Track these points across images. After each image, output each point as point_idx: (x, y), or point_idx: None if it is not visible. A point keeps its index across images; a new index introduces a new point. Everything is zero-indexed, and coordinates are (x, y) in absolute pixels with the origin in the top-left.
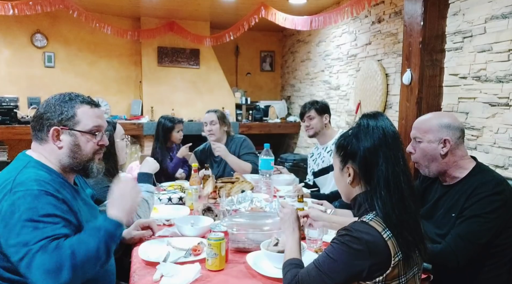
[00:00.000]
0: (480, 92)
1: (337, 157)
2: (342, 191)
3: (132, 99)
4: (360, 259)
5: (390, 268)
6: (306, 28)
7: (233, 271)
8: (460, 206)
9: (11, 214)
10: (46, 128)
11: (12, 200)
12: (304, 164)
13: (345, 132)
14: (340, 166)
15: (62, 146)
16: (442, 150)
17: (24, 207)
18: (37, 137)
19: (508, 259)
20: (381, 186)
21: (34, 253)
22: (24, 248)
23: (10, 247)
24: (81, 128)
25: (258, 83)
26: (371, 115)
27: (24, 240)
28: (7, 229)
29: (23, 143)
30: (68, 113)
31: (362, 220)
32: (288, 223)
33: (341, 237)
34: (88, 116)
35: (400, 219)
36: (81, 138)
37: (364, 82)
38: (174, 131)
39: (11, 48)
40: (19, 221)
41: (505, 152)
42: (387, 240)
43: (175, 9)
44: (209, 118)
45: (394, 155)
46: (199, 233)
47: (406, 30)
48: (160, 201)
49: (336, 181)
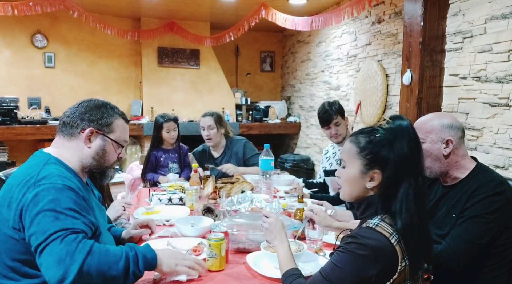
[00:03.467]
0: (480, 93)
1: (359, 157)
2: (352, 190)
3: (132, 99)
4: (368, 266)
5: (396, 273)
6: (306, 28)
7: (233, 271)
8: (460, 206)
9: (34, 204)
10: (82, 126)
11: (36, 191)
12: (304, 164)
13: (372, 133)
14: (363, 169)
15: (90, 147)
16: (445, 150)
17: (47, 198)
18: (66, 133)
19: (508, 260)
20: (406, 196)
21: (51, 240)
22: (43, 235)
23: (31, 235)
24: (113, 137)
25: (258, 84)
26: (400, 118)
27: (44, 228)
28: (30, 218)
29: (23, 143)
30: (107, 120)
31: (368, 225)
32: (274, 233)
33: (347, 245)
34: (122, 129)
35: (409, 228)
36: (110, 146)
37: (364, 83)
38: (163, 130)
39: (11, 49)
40: (42, 211)
41: (505, 152)
42: (395, 244)
43: (175, 10)
44: (206, 123)
45: (421, 165)
46: (199, 233)
47: (406, 30)
48: (160, 201)
49: (348, 180)
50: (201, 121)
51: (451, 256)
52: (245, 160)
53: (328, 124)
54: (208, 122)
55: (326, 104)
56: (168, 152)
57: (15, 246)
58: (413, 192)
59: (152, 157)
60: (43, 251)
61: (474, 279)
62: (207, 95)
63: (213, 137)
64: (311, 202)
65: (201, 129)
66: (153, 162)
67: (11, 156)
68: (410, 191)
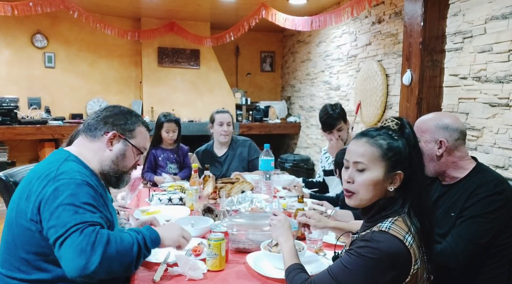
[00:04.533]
0: (480, 93)
1: (384, 160)
2: (373, 194)
3: (132, 99)
4: (382, 271)
5: (409, 276)
6: (306, 28)
7: (233, 271)
8: (460, 205)
9: (54, 198)
10: (106, 129)
11: (56, 185)
12: (304, 164)
13: (389, 135)
14: (387, 171)
15: (112, 150)
16: (438, 151)
17: (67, 192)
18: (89, 134)
19: (508, 259)
20: (419, 193)
21: (71, 232)
22: (63, 228)
23: (50, 228)
24: (134, 143)
25: (258, 84)
26: (403, 119)
27: (64, 221)
28: (49, 211)
29: (23, 143)
30: (131, 126)
31: (381, 229)
32: (281, 230)
33: (360, 249)
34: (143, 137)
35: (423, 227)
36: (130, 151)
37: (364, 83)
38: (163, 129)
39: (12, 49)
40: (61, 205)
41: (505, 152)
42: (409, 247)
43: (175, 10)
44: (226, 119)
45: (423, 161)
46: (199, 233)
47: (406, 30)
48: (160, 201)
49: (370, 184)
50: (221, 117)
51: (451, 256)
52: (249, 161)
53: (331, 130)
54: (228, 118)
55: (328, 108)
56: (166, 152)
57: (31, 238)
58: (425, 192)
59: (151, 155)
60: (63, 243)
61: (474, 279)
62: (207, 95)
63: (230, 134)
64: (311, 202)
65: (218, 125)
66: (152, 161)
67: (11, 156)
68: (422, 191)
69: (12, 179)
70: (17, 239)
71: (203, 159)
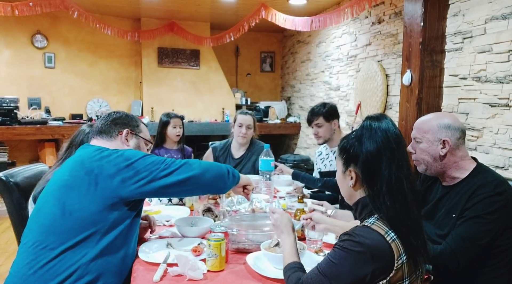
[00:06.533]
0: (480, 93)
1: (339, 159)
2: (344, 193)
3: (132, 100)
4: (362, 264)
5: (393, 271)
6: (306, 29)
7: (233, 271)
8: (460, 206)
9: (134, 154)
10: (118, 129)
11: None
12: (304, 164)
13: (348, 135)
14: (343, 169)
15: (129, 145)
16: (442, 150)
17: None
18: (105, 136)
19: (508, 260)
20: (383, 191)
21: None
22: (162, 164)
23: (140, 173)
24: (143, 136)
25: (258, 84)
26: (374, 118)
27: (166, 160)
28: (132, 166)
29: (23, 143)
30: (136, 123)
31: (364, 224)
32: (281, 227)
33: (343, 242)
34: (146, 130)
35: (403, 224)
36: (142, 143)
37: (364, 83)
38: (169, 126)
39: (12, 49)
40: (140, 154)
41: (505, 153)
42: (391, 242)
43: (175, 10)
44: (247, 122)
45: (398, 159)
46: (199, 233)
47: (406, 31)
48: (160, 201)
49: (338, 183)
50: (241, 118)
51: (451, 256)
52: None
53: (310, 124)
54: (249, 121)
55: (318, 105)
56: (170, 152)
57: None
58: (387, 187)
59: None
60: (168, 170)
61: (474, 279)
62: (207, 95)
63: (248, 137)
64: (311, 202)
65: (238, 126)
66: None
67: (11, 156)
68: (392, 185)
69: (12, 179)
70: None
71: (219, 156)
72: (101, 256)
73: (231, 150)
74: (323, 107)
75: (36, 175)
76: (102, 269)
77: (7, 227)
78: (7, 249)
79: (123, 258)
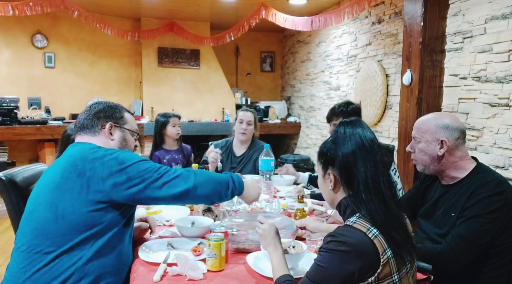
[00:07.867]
0: (480, 93)
1: (319, 163)
2: (326, 197)
3: (132, 99)
4: (348, 263)
5: (380, 266)
6: (306, 28)
7: (233, 271)
8: (460, 206)
9: (129, 158)
10: (101, 123)
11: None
12: (304, 164)
13: (326, 140)
14: (322, 173)
15: (114, 139)
16: (440, 151)
17: (129, 155)
18: (88, 131)
19: (508, 259)
20: (361, 189)
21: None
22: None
23: (132, 179)
24: (128, 127)
25: (258, 84)
26: (348, 123)
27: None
28: (125, 171)
29: (23, 143)
30: (119, 114)
31: (346, 223)
32: (268, 239)
33: (327, 244)
34: (131, 120)
35: (383, 219)
36: (128, 135)
37: (364, 83)
38: (169, 125)
39: (12, 49)
40: (135, 159)
41: (505, 153)
42: (373, 238)
43: (175, 10)
44: (247, 118)
45: (372, 159)
46: (199, 233)
47: (406, 30)
48: None
49: (320, 188)
50: (242, 115)
51: (451, 256)
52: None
53: (329, 122)
54: (249, 117)
55: (341, 103)
56: (171, 153)
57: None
58: (364, 185)
59: (155, 158)
60: (164, 178)
61: (474, 279)
62: (207, 95)
63: (248, 133)
64: (311, 202)
65: (238, 122)
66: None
67: (11, 156)
68: (368, 182)
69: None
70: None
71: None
72: (97, 257)
73: (233, 149)
74: (345, 107)
75: (36, 175)
76: (99, 270)
77: (7, 227)
78: (7, 249)
79: (119, 256)
